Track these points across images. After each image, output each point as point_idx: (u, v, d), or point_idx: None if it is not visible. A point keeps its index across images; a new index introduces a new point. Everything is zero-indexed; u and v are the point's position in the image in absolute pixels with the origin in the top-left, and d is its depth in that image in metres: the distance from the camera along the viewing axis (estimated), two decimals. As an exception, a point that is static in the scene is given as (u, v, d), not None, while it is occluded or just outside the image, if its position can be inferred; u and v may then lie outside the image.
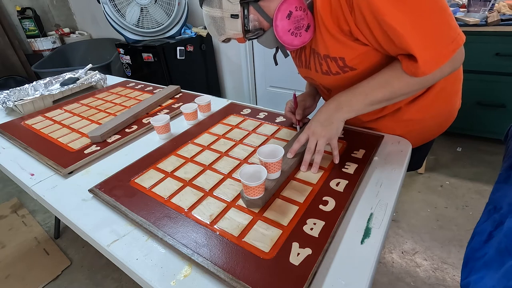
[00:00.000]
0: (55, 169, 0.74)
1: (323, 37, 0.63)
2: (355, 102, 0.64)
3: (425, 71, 0.55)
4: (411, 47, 0.53)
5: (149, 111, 1.03)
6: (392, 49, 0.58)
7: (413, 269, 1.26)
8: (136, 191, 0.64)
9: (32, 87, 1.24)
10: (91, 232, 0.56)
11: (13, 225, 1.70)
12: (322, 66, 0.69)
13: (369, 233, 0.50)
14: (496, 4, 1.64)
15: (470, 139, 2.00)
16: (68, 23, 3.41)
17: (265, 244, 0.49)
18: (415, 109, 0.72)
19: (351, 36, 0.60)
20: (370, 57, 0.63)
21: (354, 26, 0.58)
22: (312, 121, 0.68)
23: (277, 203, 0.57)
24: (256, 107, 1.00)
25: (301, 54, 0.75)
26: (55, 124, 0.99)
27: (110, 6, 2.04)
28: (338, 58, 0.64)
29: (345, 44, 0.62)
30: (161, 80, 2.16)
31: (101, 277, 1.37)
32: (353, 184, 0.60)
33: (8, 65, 2.99)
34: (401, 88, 0.60)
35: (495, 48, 1.60)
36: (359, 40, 0.60)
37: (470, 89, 1.77)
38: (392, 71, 0.60)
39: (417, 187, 1.69)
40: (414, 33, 0.52)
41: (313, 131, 0.66)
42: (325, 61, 0.67)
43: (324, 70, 0.69)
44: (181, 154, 0.77)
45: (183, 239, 0.51)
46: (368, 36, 0.58)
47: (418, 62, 0.53)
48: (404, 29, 0.52)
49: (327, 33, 0.62)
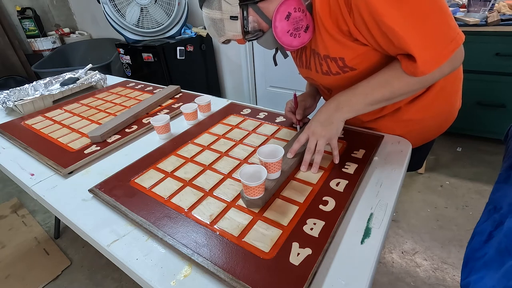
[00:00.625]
0: (55, 169, 0.74)
1: (323, 38, 0.63)
2: (355, 102, 0.64)
3: (424, 71, 0.55)
4: (410, 47, 0.53)
5: (149, 111, 1.03)
6: (391, 49, 0.58)
7: (413, 269, 1.26)
8: (136, 191, 0.64)
9: (32, 87, 1.24)
10: (91, 232, 0.56)
11: (13, 225, 1.70)
12: (323, 66, 0.69)
13: (369, 233, 0.50)
14: (496, 4, 1.64)
15: (470, 139, 2.00)
16: (68, 23, 3.41)
17: (265, 244, 0.49)
18: (415, 109, 0.72)
19: (350, 37, 0.61)
20: (370, 57, 0.63)
21: (353, 27, 0.58)
22: (312, 121, 0.68)
23: (277, 203, 0.57)
24: (256, 107, 1.00)
25: (301, 55, 0.75)
26: (55, 124, 0.99)
27: (110, 6, 2.04)
28: (338, 58, 0.64)
29: (344, 44, 0.62)
30: (161, 80, 2.16)
31: (101, 277, 1.37)
32: (353, 184, 0.60)
33: (8, 65, 2.99)
34: (401, 88, 0.60)
35: (495, 48, 1.60)
36: (358, 41, 0.60)
37: (470, 89, 1.77)
38: (391, 71, 0.60)
39: (417, 187, 1.69)
40: (413, 34, 0.52)
41: (313, 131, 0.66)
42: (325, 61, 0.67)
43: (325, 71, 0.69)
44: (181, 154, 0.77)
45: (183, 239, 0.51)
46: (367, 37, 0.58)
47: (417, 62, 0.54)
48: (402, 30, 0.52)
49: (327, 34, 0.62)
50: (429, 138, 0.83)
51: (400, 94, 0.62)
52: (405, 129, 0.76)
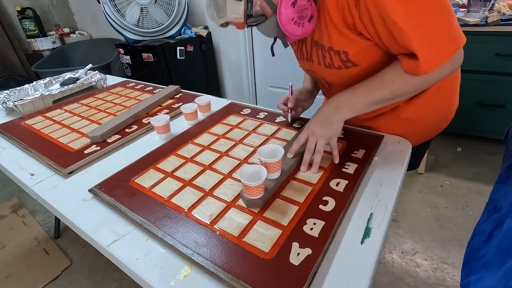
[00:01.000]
0: (55, 169, 0.74)
1: (328, 29, 0.63)
2: (355, 102, 0.64)
3: (425, 70, 0.55)
4: (413, 45, 0.53)
5: (149, 111, 1.03)
6: (393, 46, 0.58)
7: (413, 269, 1.26)
8: (136, 191, 0.64)
9: (32, 87, 1.24)
10: (91, 232, 0.56)
11: (13, 225, 1.70)
12: (325, 58, 0.68)
13: (369, 233, 0.50)
14: (496, 4, 1.64)
15: (470, 139, 2.00)
16: (68, 23, 3.41)
17: (265, 244, 0.49)
18: (414, 108, 0.72)
19: (355, 30, 0.60)
20: (372, 53, 0.63)
21: (358, 20, 0.58)
22: (312, 121, 0.68)
23: (277, 203, 0.57)
24: (256, 107, 1.00)
25: (302, 47, 0.75)
26: (55, 124, 0.99)
27: (110, 6, 2.04)
28: (342, 51, 0.64)
29: (349, 38, 0.61)
30: (161, 80, 2.16)
31: (101, 277, 1.37)
32: (353, 184, 0.60)
33: (8, 65, 2.99)
34: (401, 88, 0.60)
35: (495, 48, 1.60)
36: (362, 35, 0.60)
37: (470, 89, 1.77)
38: (392, 71, 0.60)
39: (417, 187, 1.69)
40: (417, 32, 0.52)
41: (312, 131, 0.66)
42: (328, 54, 0.67)
43: (327, 63, 0.69)
44: (181, 154, 0.77)
45: (183, 239, 0.51)
46: (371, 31, 0.58)
47: (419, 61, 0.54)
48: (407, 27, 0.52)
49: (332, 25, 0.61)
50: (427, 138, 0.83)
51: (401, 94, 0.62)
52: (403, 128, 0.76)
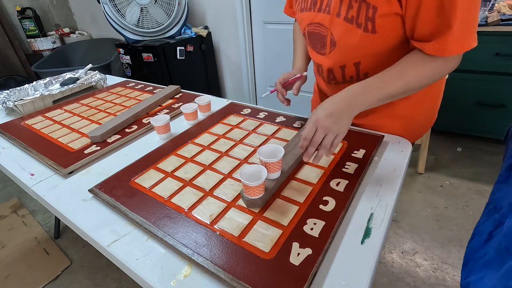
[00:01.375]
0: (55, 169, 0.74)
1: None
2: (367, 98, 0.60)
3: (451, 50, 0.56)
4: (456, 19, 0.53)
5: (149, 111, 1.03)
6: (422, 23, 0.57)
7: (413, 269, 1.26)
8: (136, 191, 0.64)
9: (32, 87, 1.24)
10: (91, 232, 0.56)
11: (13, 225, 1.70)
12: (352, 9, 0.64)
13: (369, 233, 0.50)
14: (496, 4, 1.64)
15: (470, 139, 2.00)
16: (68, 23, 3.41)
17: (265, 244, 0.49)
18: (407, 105, 0.73)
19: None
20: (394, 27, 0.61)
21: None
22: (319, 113, 0.59)
23: (277, 203, 0.57)
24: (256, 107, 1.00)
25: None
26: (55, 124, 0.99)
27: (110, 6, 2.04)
28: (372, 6, 0.60)
29: None
30: (161, 80, 2.16)
31: (101, 277, 1.37)
32: (353, 184, 0.60)
33: (8, 65, 2.99)
34: (415, 77, 0.60)
35: (495, 48, 1.60)
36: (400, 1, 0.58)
37: (470, 89, 1.77)
38: (405, 61, 0.61)
39: (417, 187, 1.69)
40: (463, 11, 0.53)
41: (322, 123, 0.58)
42: (359, 4, 0.62)
43: (350, 16, 0.64)
44: (181, 154, 0.77)
45: (183, 239, 0.51)
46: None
47: (451, 37, 0.55)
48: (461, 2, 0.52)
49: None
50: (416, 137, 0.83)
51: (413, 86, 0.61)
52: (396, 126, 0.77)
